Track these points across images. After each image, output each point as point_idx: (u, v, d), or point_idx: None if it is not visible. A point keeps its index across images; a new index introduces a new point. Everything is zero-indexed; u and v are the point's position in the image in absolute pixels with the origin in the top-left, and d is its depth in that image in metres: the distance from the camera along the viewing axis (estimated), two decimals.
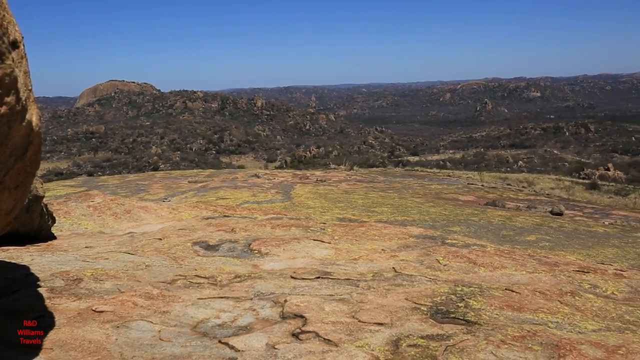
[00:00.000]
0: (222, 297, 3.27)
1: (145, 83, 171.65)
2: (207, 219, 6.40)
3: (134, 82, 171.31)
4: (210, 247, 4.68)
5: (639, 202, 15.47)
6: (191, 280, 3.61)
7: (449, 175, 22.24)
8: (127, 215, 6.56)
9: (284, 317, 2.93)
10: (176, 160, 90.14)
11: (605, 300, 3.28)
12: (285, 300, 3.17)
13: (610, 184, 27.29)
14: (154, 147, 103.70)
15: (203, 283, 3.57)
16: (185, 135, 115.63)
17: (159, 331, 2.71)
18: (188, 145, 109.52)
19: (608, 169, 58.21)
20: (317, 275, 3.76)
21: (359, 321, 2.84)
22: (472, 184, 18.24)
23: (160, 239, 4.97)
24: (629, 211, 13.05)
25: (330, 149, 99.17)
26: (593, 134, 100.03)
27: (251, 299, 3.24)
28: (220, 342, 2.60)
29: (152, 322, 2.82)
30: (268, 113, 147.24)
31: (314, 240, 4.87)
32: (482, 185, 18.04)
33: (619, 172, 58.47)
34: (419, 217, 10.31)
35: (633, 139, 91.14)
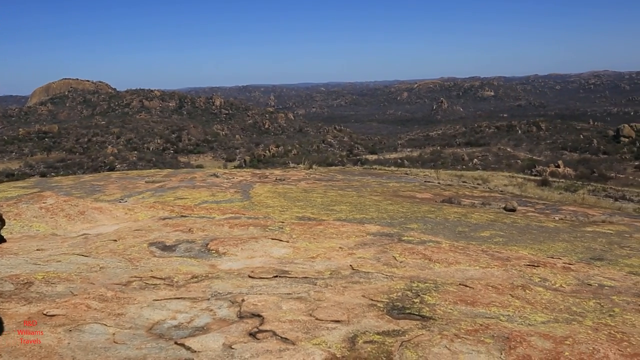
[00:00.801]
0: (178, 298, 3.23)
1: (100, 82, 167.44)
2: (164, 219, 6.31)
3: (88, 81, 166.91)
4: (167, 248, 4.61)
5: (587, 197, 16.02)
6: (147, 282, 3.56)
7: (407, 174, 22.54)
8: (81, 216, 6.41)
9: (241, 316, 2.93)
10: (133, 160, 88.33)
11: (554, 293, 3.39)
12: (243, 300, 3.16)
13: (561, 180, 28.17)
14: (110, 146, 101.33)
15: (159, 284, 3.52)
16: (142, 134, 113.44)
17: (113, 334, 2.66)
18: (145, 145, 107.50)
19: (558, 166, 60.21)
20: (275, 274, 3.76)
21: (316, 319, 2.85)
22: (429, 182, 18.54)
23: (116, 240, 4.88)
24: (577, 206, 13.51)
25: (290, 147, 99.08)
26: (544, 132, 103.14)
27: (208, 299, 3.22)
28: (176, 343, 2.57)
29: (106, 325, 2.77)
30: (227, 112, 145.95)
31: (272, 239, 4.87)
32: (439, 183, 18.36)
33: (568, 169, 60.56)
34: (377, 215, 10.40)
35: (581, 136, 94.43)
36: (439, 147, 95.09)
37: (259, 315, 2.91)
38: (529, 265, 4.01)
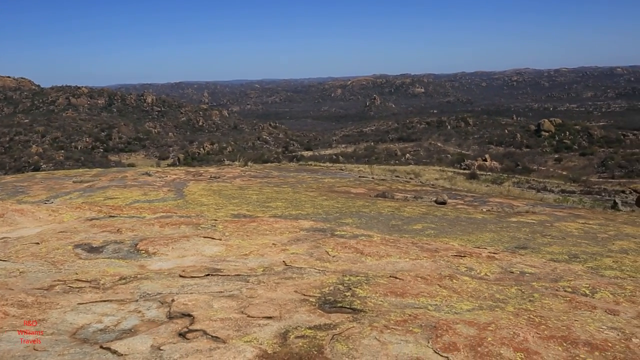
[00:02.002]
0: (105, 301, 3.13)
1: (22, 78, 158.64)
2: (91, 220, 6.08)
3: (9, 77, 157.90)
4: (93, 249, 4.45)
5: (512, 189, 16.72)
6: (71, 285, 3.42)
7: (342, 169, 22.78)
8: (0, 219, 6.08)
9: (170, 317, 2.87)
10: (60, 160, 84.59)
11: (479, 282, 3.52)
12: (173, 300, 3.10)
13: (488, 173, 29.31)
14: (34, 146, 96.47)
15: (84, 287, 3.39)
16: (69, 133, 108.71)
17: (34, 341, 2.54)
18: (73, 144, 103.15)
19: (485, 160, 62.60)
20: (207, 273, 3.71)
21: (248, 316, 2.83)
22: (363, 177, 18.81)
23: (38, 243, 4.66)
24: (503, 198, 14.08)
25: (225, 145, 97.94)
26: (472, 127, 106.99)
27: (137, 300, 3.13)
28: (101, 347, 2.49)
29: (25, 332, 2.64)
30: (159, 109, 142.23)
31: (205, 237, 4.80)
32: (373, 178, 18.66)
33: (494, 162, 63.06)
34: (313, 211, 10.45)
35: (506, 131, 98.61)
36: (372, 143, 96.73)
37: (189, 315, 2.86)
38: (456, 255, 4.14)
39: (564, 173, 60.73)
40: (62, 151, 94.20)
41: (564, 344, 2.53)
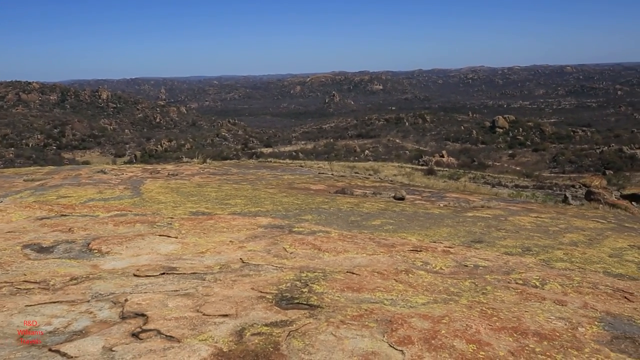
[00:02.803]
0: (54, 302, 3.03)
1: None
2: (42, 219, 5.89)
3: None
4: (43, 250, 4.31)
5: (468, 185, 17.04)
6: (19, 287, 3.30)
7: (301, 166, 22.75)
8: None
9: (123, 317, 2.80)
10: (10, 158, 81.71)
11: (434, 276, 3.58)
12: (126, 300, 3.03)
13: (445, 169, 29.83)
14: None
15: (33, 288, 3.28)
16: (19, 130, 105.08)
17: None
18: (24, 141, 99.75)
19: (443, 156, 63.69)
20: (162, 272, 3.64)
21: (204, 314, 2.80)
22: (323, 174, 18.83)
23: None
24: (459, 193, 14.31)
25: (183, 142, 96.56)
26: (429, 124, 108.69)
27: (88, 301, 3.05)
28: (50, 350, 2.41)
29: None
30: (115, 106, 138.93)
31: (160, 235, 4.71)
32: (332, 174, 18.70)
33: (451, 158, 64.21)
34: (273, 208, 10.39)
35: (462, 128, 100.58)
36: (332, 140, 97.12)
37: (143, 315, 2.80)
38: (412, 250, 4.19)
39: (517, 168, 62.42)
40: (12, 149, 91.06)
41: (515, 335, 2.59)
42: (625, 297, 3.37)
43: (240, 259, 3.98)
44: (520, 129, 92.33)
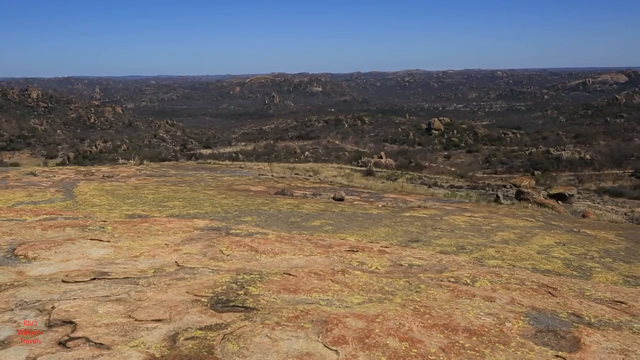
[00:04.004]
0: None
1: None
2: None
3: None
4: None
5: (405, 185, 17.40)
6: None
7: (241, 167, 22.58)
8: None
9: (50, 325, 2.69)
10: None
11: (370, 275, 3.63)
12: (53, 307, 2.91)
13: (383, 170, 30.35)
14: None
15: None
16: None
17: None
18: None
19: (381, 157, 64.79)
20: (93, 277, 3.52)
21: (136, 320, 2.73)
22: (263, 175, 18.76)
23: None
24: (397, 194, 14.60)
25: (119, 143, 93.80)
26: (368, 125, 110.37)
27: (12, 309, 2.91)
28: None
29: None
30: (46, 105, 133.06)
31: (92, 239, 4.56)
32: (272, 176, 18.67)
33: (389, 159, 65.44)
34: (212, 210, 10.26)
35: (400, 129, 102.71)
36: (272, 141, 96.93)
37: (71, 322, 2.70)
38: (349, 250, 4.23)
39: (452, 169, 64.30)
40: None
41: (446, 332, 2.67)
42: (549, 292, 3.54)
43: (176, 262, 3.90)
44: (455, 131, 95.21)
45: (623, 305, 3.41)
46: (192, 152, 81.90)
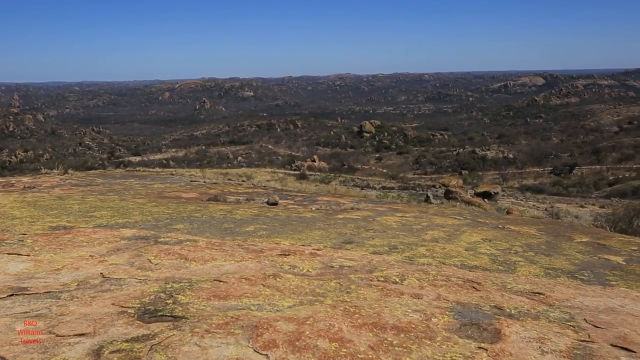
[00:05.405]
0: None
1: None
2: None
3: None
4: None
5: (338, 188, 17.57)
6: None
7: (172, 174, 22.07)
8: None
9: None
10: None
11: (301, 278, 3.64)
12: None
13: (316, 173, 30.55)
14: None
15: None
16: None
17: None
18: None
19: (314, 160, 65.18)
20: (11, 293, 3.34)
21: (57, 335, 2.62)
22: (195, 181, 18.41)
23: None
24: (330, 196, 14.73)
25: (41, 152, 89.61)
26: (300, 129, 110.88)
27: None
28: None
29: None
30: None
31: (9, 254, 4.33)
32: (205, 182, 18.36)
33: (323, 162, 65.94)
34: (142, 218, 9.96)
35: (332, 133, 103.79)
36: (204, 147, 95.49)
37: None
38: (280, 254, 4.23)
39: (384, 171, 65.63)
40: None
41: (374, 330, 2.72)
42: (474, 287, 3.68)
43: (101, 273, 3.77)
44: (386, 133, 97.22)
45: (541, 296, 3.59)
46: (120, 160, 79.42)
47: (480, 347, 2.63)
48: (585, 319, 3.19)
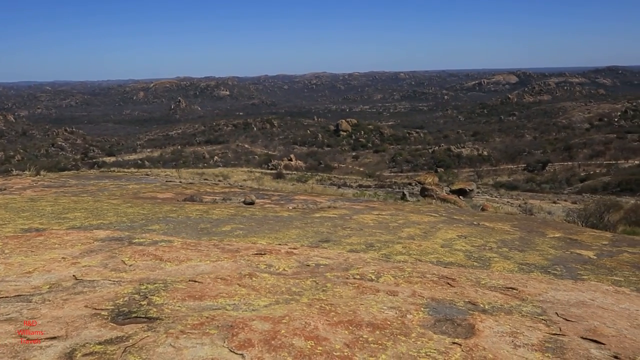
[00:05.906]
0: None
1: None
2: None
3: None
4: None
5: (315, 187, 17.58)
6: None
7: (148, 174, 21.86)
8: None
9: None
10: None
11: (277, 277, 3.64)
12: None
13: (293, 172, 30.53)
14: None
15: None
16: None
17: None
18: None
19: (291, 160, 65.10)
20: None
21: (28, 340, 2.57)
22: (171, 182, 18.26)
23: None
24: (308, 195, 14.74)
25: (12, 153, 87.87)
26: (277, 128, 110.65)
27: None
28: None
29: None
30: None
31: None
32: (181, 182, 18.22)
33: (299, 161, 65.90)
34: (116, 219, 9.83)
35: (309, 132, 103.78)
36: (179, 146, 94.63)
37: None
38: (257, 254, 4.22)
39: (361, 169, 65.86)
40: None
41: (350, 327, 2.73)
42: (449, 283, 3.72)
43: (74, 275, 3.72)
44: (362, 131, 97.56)
45: (514, 290, 3.65)
46: (94, 160, 78.27)
47: (454, 343, 2.66)
48: (556, 313, 3.25)
